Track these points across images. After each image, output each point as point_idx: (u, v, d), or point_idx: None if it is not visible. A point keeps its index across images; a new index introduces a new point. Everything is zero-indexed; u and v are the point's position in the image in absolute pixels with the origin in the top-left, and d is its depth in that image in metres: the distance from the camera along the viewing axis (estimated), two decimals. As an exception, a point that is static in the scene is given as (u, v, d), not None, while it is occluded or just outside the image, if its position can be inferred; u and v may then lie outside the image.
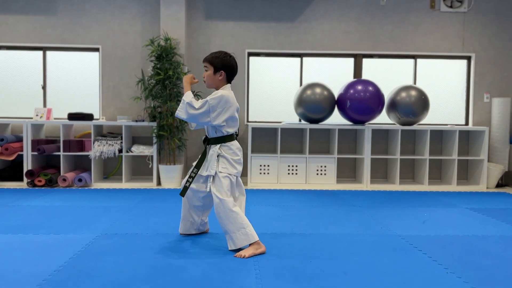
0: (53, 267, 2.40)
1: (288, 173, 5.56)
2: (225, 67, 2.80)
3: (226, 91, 2.79)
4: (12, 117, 5.88)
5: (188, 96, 2.75)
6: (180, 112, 2.76)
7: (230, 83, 2.89)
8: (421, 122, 5.84)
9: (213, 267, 2.46)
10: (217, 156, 2.78)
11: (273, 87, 6.10)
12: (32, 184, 5.15)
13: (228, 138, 2.81)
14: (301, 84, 6.02)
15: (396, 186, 5.56)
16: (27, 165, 5.24)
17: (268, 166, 5.54)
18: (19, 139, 5.42)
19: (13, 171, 5.38)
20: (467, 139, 6.02)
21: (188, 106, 2.72)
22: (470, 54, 6.06)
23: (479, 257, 2.73)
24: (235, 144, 2.84)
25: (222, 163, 2.77)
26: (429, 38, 6.04)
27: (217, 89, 2.83)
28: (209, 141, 2.85)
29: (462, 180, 6.02)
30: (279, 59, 6.09)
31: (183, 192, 2.89)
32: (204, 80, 2.87)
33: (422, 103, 5.49)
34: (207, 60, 2.82)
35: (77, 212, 3.82)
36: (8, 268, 2.39)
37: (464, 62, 6.16)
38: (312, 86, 5.53)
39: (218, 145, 2.79)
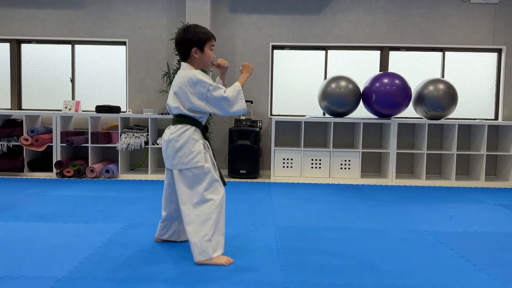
0: (83, 255, 2.47)
1: (312, 167, 5.53)
2: None
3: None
4: (42, 109, 6.05)
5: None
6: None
7: (185, 61, 2.61)
8: (448, 116, 5.72)
9: (236, 258, 2.48)
10: None
11: (297, 80, 6.07)
12: (61, 174, 5.29)
13: None
14: (325, 77, 5.97)
15: (422, 181, 5.47)
16: (56, 156, 5.38)
17: (291, 159, 5.53)
18: (49, 131, 5.57)
19: (43, 161, 5.53)
20: (497, 134, 5.86)
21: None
22: (501, 47, 5.89)
23: (508, 254, 2.66)
24: None
25: None
26: (459, 31, 5.89)
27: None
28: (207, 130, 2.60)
29: (490, 176, 5.89)
30: (303, 52, 6.06)
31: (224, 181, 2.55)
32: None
33: (450, 96, 5.37)
34: None
35: (105, 202, 3.91)
36: (40, 255, 2.47)
37: (494, 55, 5.99)
38: (337, 79, 5.48)
39: None
